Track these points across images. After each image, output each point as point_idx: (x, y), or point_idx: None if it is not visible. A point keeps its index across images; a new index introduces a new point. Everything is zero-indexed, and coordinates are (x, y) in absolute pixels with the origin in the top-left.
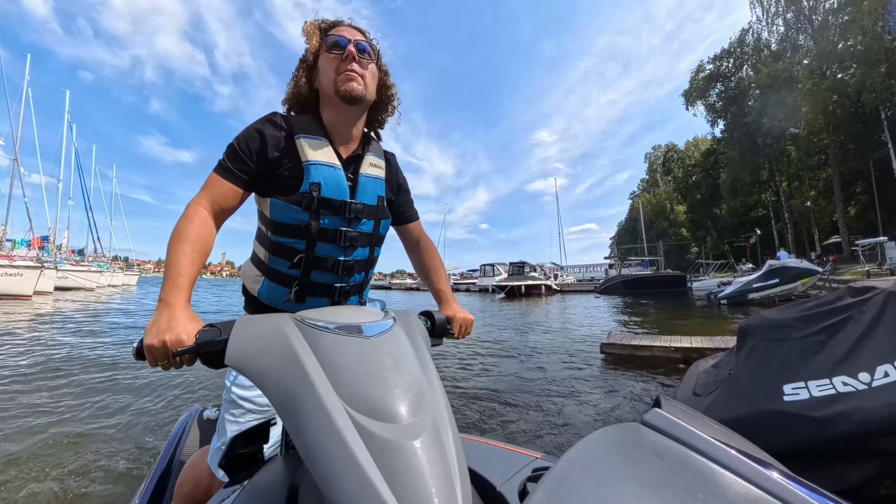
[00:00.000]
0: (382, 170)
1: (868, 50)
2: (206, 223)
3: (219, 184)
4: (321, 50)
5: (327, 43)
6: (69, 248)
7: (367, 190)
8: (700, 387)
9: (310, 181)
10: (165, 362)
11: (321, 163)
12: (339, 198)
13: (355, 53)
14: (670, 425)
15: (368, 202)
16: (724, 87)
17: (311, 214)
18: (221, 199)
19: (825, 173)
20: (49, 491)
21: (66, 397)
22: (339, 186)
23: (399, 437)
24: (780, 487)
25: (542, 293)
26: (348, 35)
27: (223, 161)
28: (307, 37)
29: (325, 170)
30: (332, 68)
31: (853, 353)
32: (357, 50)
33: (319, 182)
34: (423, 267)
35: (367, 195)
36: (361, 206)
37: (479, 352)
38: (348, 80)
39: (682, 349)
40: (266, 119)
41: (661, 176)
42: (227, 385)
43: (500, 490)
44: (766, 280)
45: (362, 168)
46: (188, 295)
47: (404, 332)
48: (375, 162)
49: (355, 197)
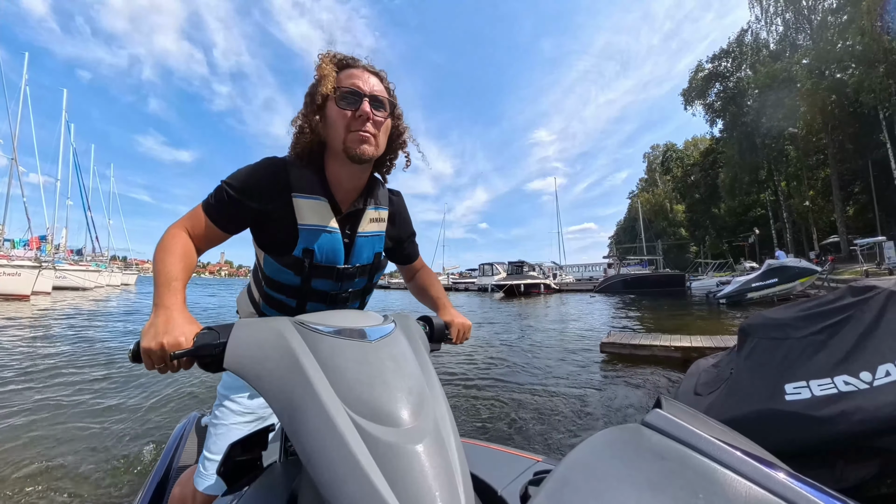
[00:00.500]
0: (384, 222)
1: (867, 50)
2: (189, 244)
3: (201, 220)
4: (332, 98)
5: (340, 94)
6: (67, 247)
7: (363, 252)
8: (701, 386)
9: (303, 246)
10: (162, 365)
11: (316, 227)
12: (332, 264)
13: (370, 113)
14: (671, 426)
15: (364, 262)
16: (722, 86)
17: (302, 278)
18: (202, 234)
19: (824, 173)
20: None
21: (61, 400)
22: (334, 252)
23: (402, 441)
24: (784, 487)
25: (540, 292)
26: (363, 85)
27: (210, 199)
28: (321, 79)
29: (319, 235)
30: (342, 124)
31: (854, 353)
32: (372, 107)
33: (313, 249)
34: (419, 287)
35: (362, 257)
36: (354, 270)
37: (476, 352)
38: (361, 143)
39: (682, 348)
40: (264, 166)
41: (659, 175)
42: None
43: (502, 494)
44: (764, 279)
45: (361, 226)
46: (183, 297)
47: (404, 336)
48: (376, 215)
49: (350, 260)
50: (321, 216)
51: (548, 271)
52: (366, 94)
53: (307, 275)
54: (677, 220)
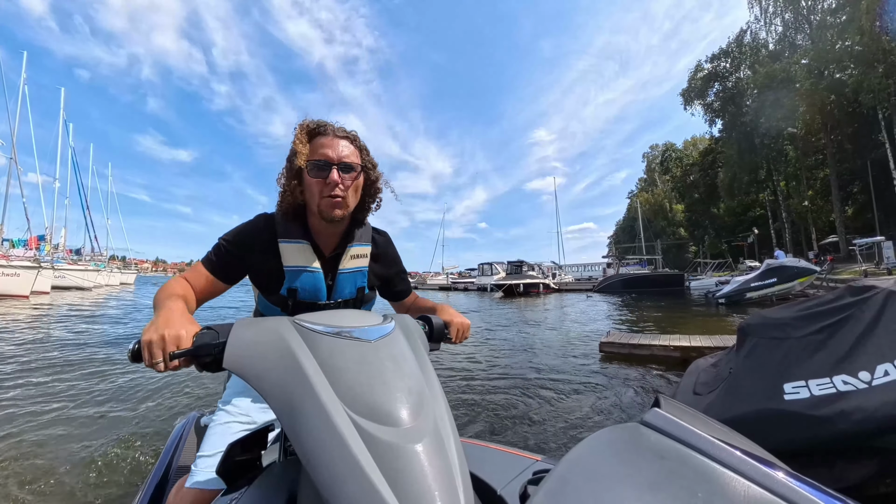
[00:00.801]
0: (366, 258)
1: (865, 50)
2: (189, 290)
3: (202, 274)
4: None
5: (312, 165)
6: (66, 247)
7: (345, 288)
8: (700, 386)
9: (288, 286)
10: (161, 361)
11: (300, 268)
12: (315, 300)
13: (338, 180)
14: (670, 425)
15: (346, 297)
16: (721, 86)
17: (287, 314)
18: (203, 287)
19: (822, 173)
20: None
21: (59, 400)
22: (316, 289)
23: (401, 441)
24: (783, 486)
25: (539, 292)
26: (332, 154)
27: (210, 255)
28: (297, 153)
29: (303, 275)
30: (317, 191)
31: (853, 352)
32: (340, 172)
33: (297, 287)
34: (415, 309)
35: (344, 292)
36: (336, 306)
37: (475, 351)
38: (333, 207)
39: (681, 348)
40: (255, 222)
41: (659, 175)
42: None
43: (502, 493)
44: (763, 279)
45: (342, 263)
46: (184, 306)
47: (404, 336)
48: (358, 252)
49: (332, 296)
50: (305, 258)
51: (547, 271)
52: (335, 163)
53: (291, 311)
54: (676, 220)
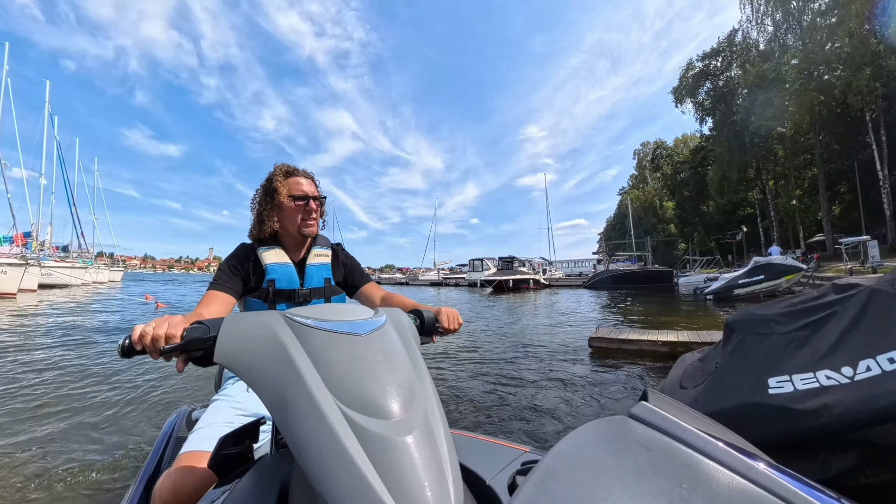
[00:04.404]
0: (328, 257)
1: (854, 52)
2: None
3: (213, 296)
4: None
5: (294, 197)
6: (53, 244)
7: (313, 277)
8: (687, 380)
9: (268, 278)
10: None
11: (275, 263)
12: (290, 287)
13: (315, 207)
14: (657, 418)
15: (316, 286)
16: (712, 85)
17: (269, 304)
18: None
19: (811, 173)
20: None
21: (49, 397)
22: (290, 279)
23: (392, 433)
24: (764, 477)
25: (530, 287)
26: (307, 189)
27: (215, 279)
28: (278, 188)
29: (278, 268)
30: (297, 215)
31: (836, 348)
32: (315, 203)
33: (274, 278)
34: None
35: (314, 280)
36: (308, 291)
37: (465, 346)
38: (310, 227)
39: (669, 343)
40: (241, 248)
41: (649, 172)
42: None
43: (490, 483)
44: (751, 276)
45: (308, 259)
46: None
47: (395, 329)
48: (320, 252)
49: (304, 285)
50: (279, 257)
51: (537, 267)
52: (311, 196)
53: (272, 300)
54: (666, 217)
